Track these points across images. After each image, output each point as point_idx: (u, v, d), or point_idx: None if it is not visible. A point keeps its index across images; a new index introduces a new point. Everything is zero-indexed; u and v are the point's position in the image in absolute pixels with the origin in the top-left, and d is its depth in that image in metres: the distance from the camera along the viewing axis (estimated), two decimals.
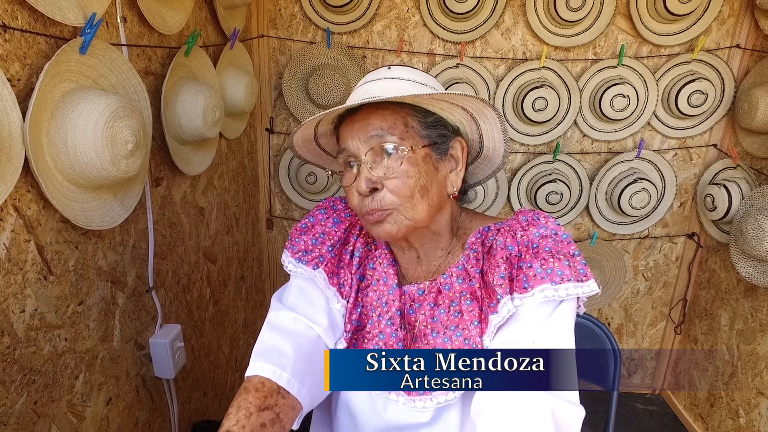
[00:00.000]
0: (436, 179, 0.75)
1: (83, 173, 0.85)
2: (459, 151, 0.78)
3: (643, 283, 2.11)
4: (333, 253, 0.80)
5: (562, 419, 0.63)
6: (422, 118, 0.74)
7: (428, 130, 0.74)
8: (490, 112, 0.75)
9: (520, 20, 1.77)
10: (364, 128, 0.72)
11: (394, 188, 0.71)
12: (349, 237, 0.84)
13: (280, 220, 2.10)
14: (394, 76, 0.76)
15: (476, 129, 0.79)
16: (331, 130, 0.81)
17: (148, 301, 1.19)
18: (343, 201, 0.88)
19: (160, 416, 1.27)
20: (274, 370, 0.70)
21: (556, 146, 1.87)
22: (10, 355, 0.80)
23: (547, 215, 0.75)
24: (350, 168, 0.75)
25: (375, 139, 0.71)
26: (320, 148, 0.86)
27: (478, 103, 0.74)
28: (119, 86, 0.98)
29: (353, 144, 0.73)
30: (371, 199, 0.72)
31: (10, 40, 0.75)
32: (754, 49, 1.73)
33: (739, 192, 1.67)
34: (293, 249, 0.81)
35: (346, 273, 0.80)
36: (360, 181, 0.71)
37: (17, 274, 0.80)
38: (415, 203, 0.72)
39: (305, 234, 0.82)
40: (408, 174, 0.71)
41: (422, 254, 0.80)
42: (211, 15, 1.44)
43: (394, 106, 0.73)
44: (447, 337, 0.73)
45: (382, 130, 0.71)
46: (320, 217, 0.84)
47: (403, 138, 0.72)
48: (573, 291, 0.67)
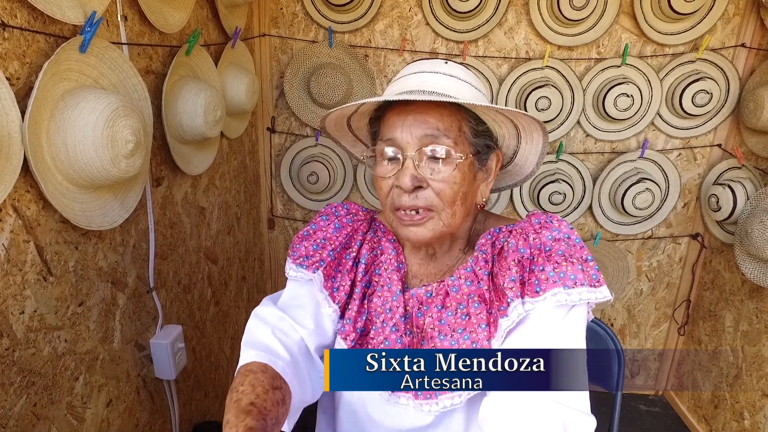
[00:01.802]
0: (472, 188, 0.75)
1: (83, 173, 0.84)
2: (494, 162, 0.78)
3: (646, 283, 2.10)
4: (333, 257, 0.80)
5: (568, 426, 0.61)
6: (474, 125, 0.73)
7: (477, 139, 0.73)
8: (538, 135, 0.75)
9: (523, 19, 1.76)
10: (419, 124, 0.69)
11: (440, 191, 0.70)
12: (351, 242, 0.83)
13: (282, 220, 2.09)
14: (452, 73, 0.74)
15: (515, 146, 0.79)
16: (372, 112, 0.78)
17: (149, 302, 1.18)
18: (344, 207, 0.87)
19: (160, 417, 1.26)
20: (269, 358, 0.70)
21: (559, 146, 1.86)
22: (9, 356, 0.79)
23: (560, 218, 0.73)
24: (391, 161, 0.72)
25: (429, 138, 0.69)
26: (348, 127, 0.84)
27: (531, 123, 0.74)
28: (120, 85, 0.97)
29: (403, 136, 0.70)
30: (414, 197, 0.70)
31: (9, 38, 0.74)
32: (760, 48, 1.72)
33: (744, 192, 1.66)
34: (294, 256, 0.80)
35: (344, 279, 0.80)
36: (405, 176, 0.69)
37: (16, 275, 0.79)
38: (455, 210, 0.72)
39: (306, 240, 0.82)
40: (455, 180, 0.70)
41: (440, 254, 0.80)
42: (213, 14, 1.44)
43: (452, 108, 0.71)
44: (454, 340, 0.72)
45: (438, 131, 0.69)
46: (322, 224, 0.84)
47: (456, 143, 0.70)
48: (586, 296, 0.66)
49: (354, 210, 0.87)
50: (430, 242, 0.75)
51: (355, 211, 0.87)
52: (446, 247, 0.80)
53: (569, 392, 0.63)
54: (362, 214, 0.87)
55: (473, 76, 0.76)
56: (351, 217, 0.85)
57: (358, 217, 0.86)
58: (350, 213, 0.86)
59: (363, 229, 0.84)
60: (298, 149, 1.96)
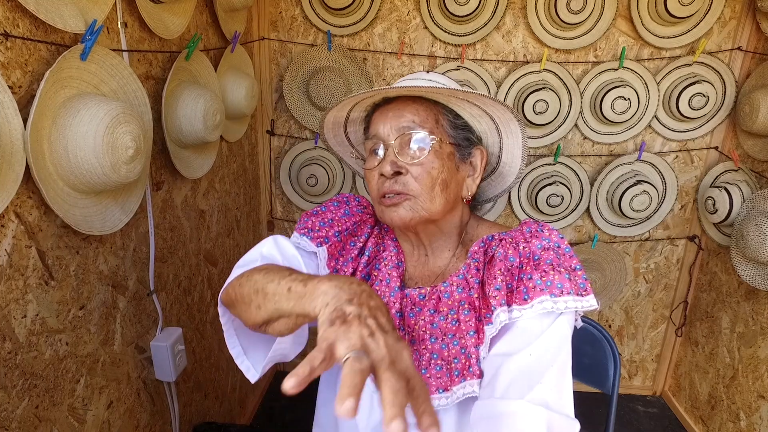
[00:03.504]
0: (455, 178, 0.79)
1: (84, 179, 0.85)
2: (478, 159, 0.82)
3: (644, 285, 2.11)
4: (339, 239, 0.82)
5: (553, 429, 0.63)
6: (452, 119, 0.79)
7: (456, 131, 0.79)
8: (515, 125, 0.79)
9: (520, 23, 1.77)
10: (397, 117, 0.76)
11: (418, 175, 0.74)
12: (359, 231, 0.85)
13: (281, 222, 2.10)
14: (432, 79, 0.81)
15: (498, 143, 0.83)
16: (363, 118, 0.86)
17: (149, 305, 1.19)
18: (356, 199, 0.90)
19: (161, 419, 1.27)
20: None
21: (556, 149, 1.87)
22: (12, 360, 0.80)
23: (551, 228, 0.75)
24: (376, 154, 0.78)
25: (406, 128, 0.75)
26: (346, 137, 0.91)
27: (506, 114, 0.78)
28: (120, 91, 0.98)
29: (384, 129, 0.76)
30: (393, 182, 0.75)
31: (12, 47, 0.76)
32: (756, 51, 1.73)
33: (740, 195, 1.67)
34: (300, 227, 0.83)
35: (347, 265, 0.82)
36: (385, 163, 0.75)
37: (18, 280, 0.81)
38: (434, 195, 0.75)
39: (314, 217, 0.84)
40: (432, 165, 0.75)
41: (430, 252, 0.83)
42: (212, 18, 1.45)
43: (428, 103, 0.78)
44: (444, 344, 0.74)
45: (414, 123, 0.75)
46: (332, 207, 0.87)
47: (433, 132, 0.76)
48: (572, 304, 0.67)
49: (365, 203, 0.91)
50: (411, 224, 0.77)
51: (366, 204, 0.91)
52: (436, 244, 0.82)
53: (558, 395, 0.65)
54: (372, 209, 0.90)
55: (453, 82, 0.82)
56: (362, 209, 0.88)
57: (368, 210, 0.89)
58: (361, 205, 0.90)
59: (371, 222, 0.87)
60: (297, 152, 1.97)
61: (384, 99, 0.80)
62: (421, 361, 0.74)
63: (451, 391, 0.71)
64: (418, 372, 0.45)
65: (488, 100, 0.75)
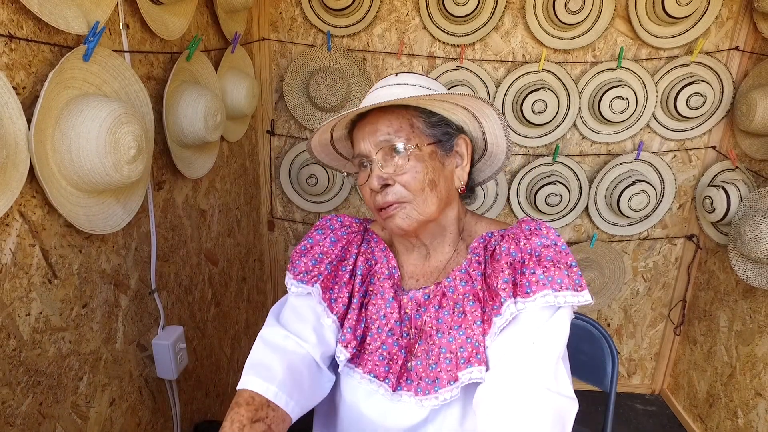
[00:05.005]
0: (443, 174, 0.80)
1: (87, 179, 0.87)
2: (463, 147, 0.83)
3: (642, 284, 2.12)
4: (330, 270, 0.84)
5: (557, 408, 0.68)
6: (426, 118, 0.80)
7: (433, 129, 0.80)
8: (489, 110, 0.80)
9: (519, 23, 1.78)
10: (372, 133, 0.78)
11: (406, 183, 0.77)
12: (347, 255, 0.87)
13: (282, 222, 2.11)
14: (401, 82, 0.82)
15: (479, 127, 0.85)
16: (346, 135, 0.88)
17: (151, 303, 1.20)
18: (338, 219, 0.92)
19: (162, 416, 1.28)
20: (261, 383, 0.74)
21: (555, 148, 1.88)
22: (16, 357, 0.81)
23: (548, 226, 0.79)
24: (364, 168, 0.81)
25: (384, 142, 0.77)
26: (338, 152, 0.93)
27: (476, 102, 0.79)
28: (122, 92, 0.99)
29: (365, 146, 0.79)
30: (384, 194, 0.77)
31: (16, 49, 0.77)
32: (753, 51, 1.74)
33: (738, 194, 1.68)
34: (295, 271, 0.85)
35: (341, 290, 0.84)
36: (372, 178, 0.77)
37: (23, 278, 0.82)
38: (426, 197, 0.77)
39: (305, 256, 0.86)
40: (416, 169, 0.77)
41: (431, 249, 0.85)
42: (213, 19, 1.46)
43: (399, 110, 0.79)
44: (451, 337, 0.77)
45: (389, 134, 0.77)
46: (318, 238, 0.88)
47: (410, 138, 0.77)
48: (570, 299, 0.72)
49: (348, 222, 0.92)
50: (412, 231, 0.80)
51: (348, 223, 0.92)
52: (437, 241, 0.84)
53: (557, 379, 0.70)
54: (356, 225, 0.92)
55: (425, 79, 0.84)
56: (345, 230, 0.90)
57: (352, 229, 0.91)
58: (344, 225, 0.91)
59: (357, 241, 0.89)
60: (297, 152, 1.98)
61: (358, 115, 0.82)
62: (431, 356, 0.78)
63: (459, 379, 0.74)
64: None
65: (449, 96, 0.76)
